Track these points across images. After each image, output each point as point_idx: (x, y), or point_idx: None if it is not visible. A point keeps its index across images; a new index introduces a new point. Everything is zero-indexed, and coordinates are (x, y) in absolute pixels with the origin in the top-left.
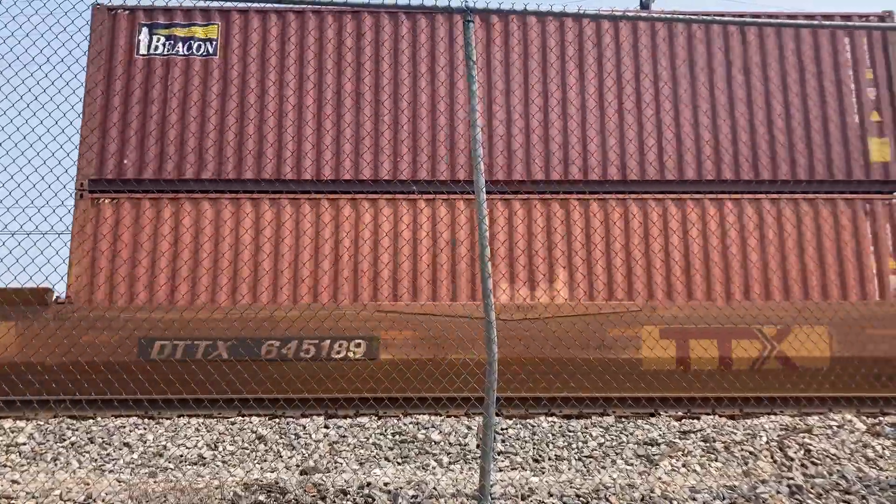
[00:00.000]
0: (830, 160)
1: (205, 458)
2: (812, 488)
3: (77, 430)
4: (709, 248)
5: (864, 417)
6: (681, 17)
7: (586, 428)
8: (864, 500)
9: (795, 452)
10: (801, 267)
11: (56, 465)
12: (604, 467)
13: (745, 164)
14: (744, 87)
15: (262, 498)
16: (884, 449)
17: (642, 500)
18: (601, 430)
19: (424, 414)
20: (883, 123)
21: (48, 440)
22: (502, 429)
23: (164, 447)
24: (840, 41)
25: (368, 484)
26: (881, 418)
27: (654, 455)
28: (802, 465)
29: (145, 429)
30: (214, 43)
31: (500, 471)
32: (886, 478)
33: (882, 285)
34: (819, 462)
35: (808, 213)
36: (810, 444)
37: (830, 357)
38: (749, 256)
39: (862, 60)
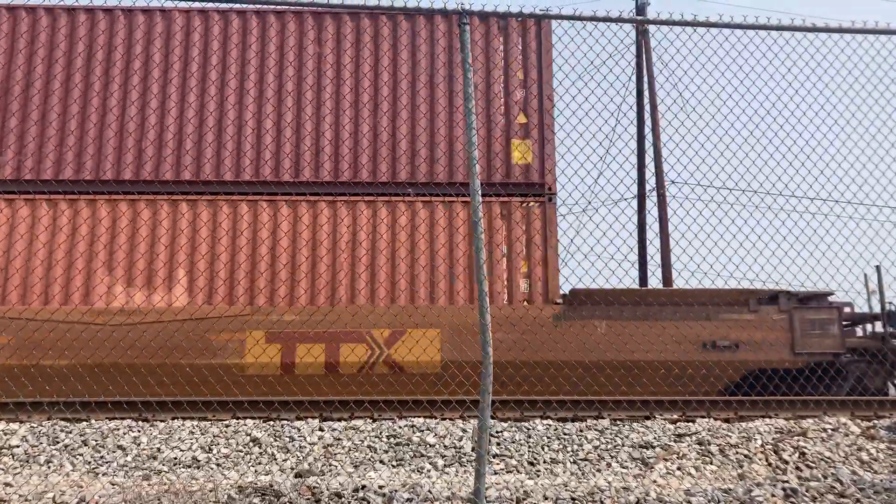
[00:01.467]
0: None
1: (199, 461)
2: (807, 491)
3: (71, 432)
4: (320, 251)
5: (859, 420)
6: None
7: (581, 431)
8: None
9: (790, 455)
10: (428, 271)
11: (49, 467)
12: (599, 470)
13: (365, 167)
14: (389, 85)
15: (256, 501)
16: (878, 452)
17: (637, 502)
18: (596, 432)
19: (419, 417)
20: (528, 125)
21: (41, 443)
22: (497, 432)
23: (159, 450)
24: (495, 40)
25: (363, 487)
26: (876, 421)
27: (649, 458)
28: (797, 467)
29: (139, 431)
30: None
31: (496, 474)
32: (881, 481)
33: (511, 289)
34: (814, 465)
35: (443, 216)
36: (805, 447)
37: (441, 361)
38: (361, 260)
39: (515, 61)
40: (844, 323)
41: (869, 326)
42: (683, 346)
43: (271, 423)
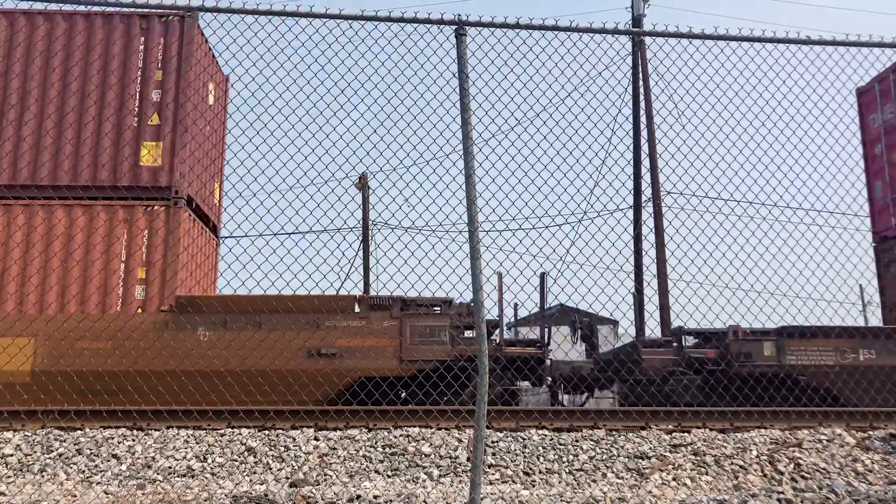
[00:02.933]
0: (100, 164)
1: (194, 470)
2: (802, 502)
3: (65, 441)
4: None
5: (854, 431)
6: None
7: (577, 441)
8: None
9: (785, 466)
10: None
11: (43, 476)
12: (594, 480)
13: None
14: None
15: None
16: (873, 463)
17: None
18: (592, 443)
19: (415, 426)
20: (162, 126)
21: (35, 451)
22: (493, 441)
23: (153, 458)
24: (136, 39)
25: (358, 497)
26: (871, 432)
27: (644, 468)
28: (792, 478)
29: (134, 440)
30: None
31: (491, 484)
32: (876, 492)
33: (127, 296)
34: (809, 476)
35: (55, 220)
36: (800, 458)
37: (32, 371)
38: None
39: (154, 61)
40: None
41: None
42: (290, 354)
43: (266, 431)
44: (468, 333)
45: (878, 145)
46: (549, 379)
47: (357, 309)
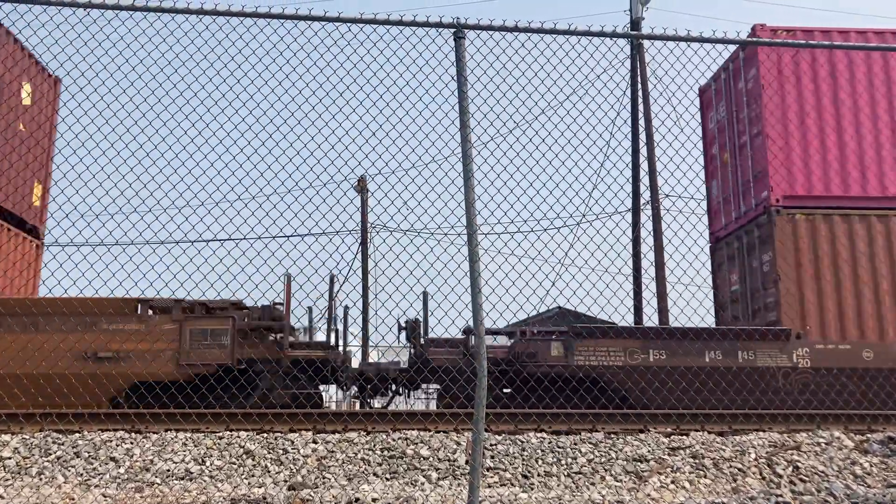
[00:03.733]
0: None
1: (192, 473)
2: None
3: (63, 444)
4: None
5: (853, 434)
6: None
7: (576, 444)
8: None
9: (784, 469)
10: None
11: (41, 479)
12: (593, 483)
13: None
14: None
15: None
16: (872, 466)
17: None
18: (590, 446)
19: (414, 429)
20: None
21: (33, 454)
22: (492, 444)
23: (151, 461)
24: None
25: (357, 500)
26: (869, 435)
27: (643, 471)
28: (791, 481)
29: (132, 443)
30: None
31: (489, 487)
32: (875, 495)
33: None
34: (807, 479)
35: None
36: (799, 461)
37: None
38: None
39: None
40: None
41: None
42: (66, 357)
43: (265, 434)
44: (271, 336)
45: (714, 145)
46: (351, 381)
47: (138, 312)
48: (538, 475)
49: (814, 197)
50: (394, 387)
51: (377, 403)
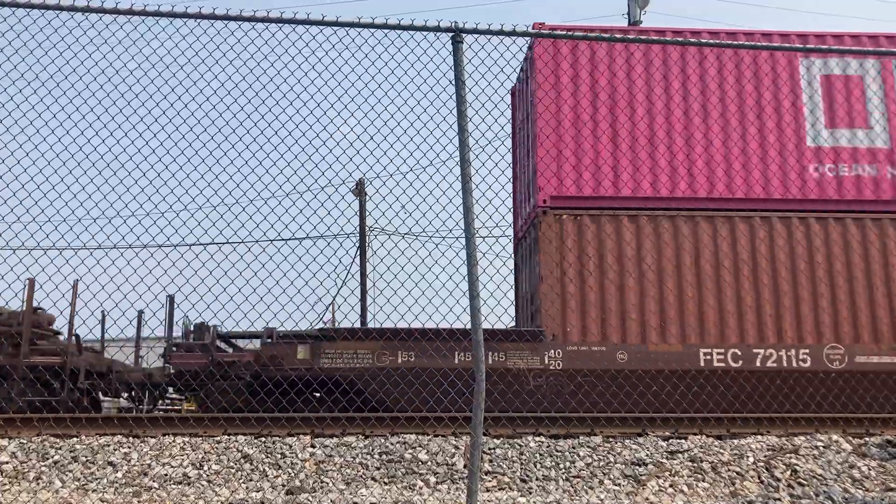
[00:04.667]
0: None
1: (190, 478)
2: None
3: (60, 448)
4: None
5: (851, 438)
6: None
7: (574, 448)
8: None
9: (782, 473)
10: None
11: (38, 484)
12: (591, 487)
13: None
14: None
15: None
16: (870, 470)
17: None
18: (589, 449)
19: (412, 433)
20: None
21: (31, 459)
22: (490, 448)
23: (149, 466)
24: None
25: None
26: (867, 439)
27: (641, 475)
28: (789, 485)
29: (130, 447)
30: None
31: (488, 491)
32: (873, 499)
33: None
34: (806, 482)
35: None
36: (797, 465)
37: None
38: None
39: None
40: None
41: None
42: None
43: (263, 439)
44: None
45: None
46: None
47: None
48: (536, 479)
49: (584, 198)
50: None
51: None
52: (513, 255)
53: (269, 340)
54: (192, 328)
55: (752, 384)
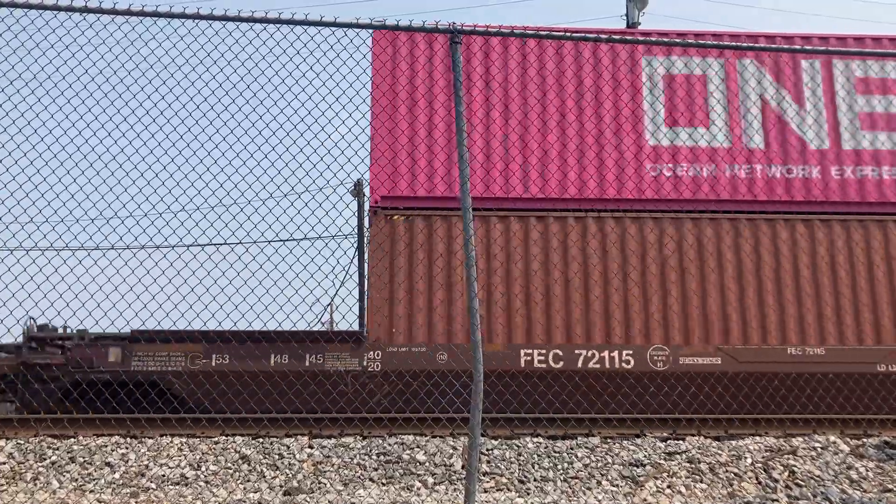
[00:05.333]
0: None
1: (187, 478)
2: None
3: (58, 448)
4: None
5: (848, 439)
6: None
7: (572, 449)
8: None
9: (780, 474)
10: None
11: (36, 485)
12: (589, 488)
13: None
14: None
15: None
16: (868, 471)
17: None
18: (587, 450)
19: (410, 434)
20: None
21: (28, 459)
22: (488, 449)
23: (147, 466)
24: None
25: None
26: (865, 440)
27: (639, 476)
28: (787, 486)
29: (127, 448)
30: None
31: (486, 492)
32: (871, 500)
33: None
34: (803, 483)
35: None
36: (795, 466)
37: None
38: None
39: None
40: None
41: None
42: None
43: (260, 439)
44: None
45: None
46: None
47: None
48: (534, 480)
49: (418, 198)
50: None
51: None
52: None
53: (81, 342)
54: (35, 330)
55: (572, 383)
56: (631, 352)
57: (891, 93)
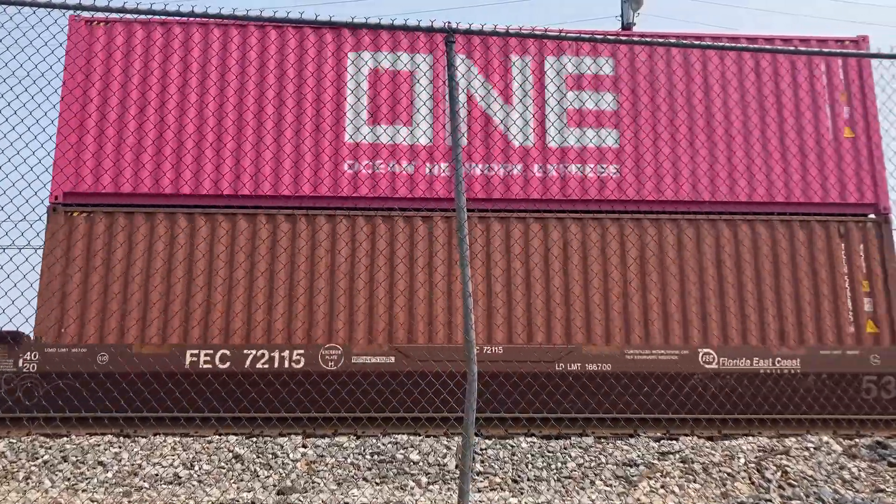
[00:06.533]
0: None
1: (181, 478)
2: None
3: (50, 448)
4: None
5: (841, 439)
6: None
7: (565, 448)
8: None
9: (773, 474)
10: None
11: (28, 484)
12: (583, 488)
13: None
14: None
15: None
16: (860, 471)
17: None
18: (580, 450)
19: (403, 433)
20: None
21: (20, 458)
22: (481, 449)
23: (140, 466)
24: None
25: None
26: (858, 440)
27: (633, 476)
28: (780, 486)
29: (120, 447)
30: None
31: (479, 491)
32: (863, 500)
33: None
34: (796, 483)
35: None
36: (788, 466)
37: None
38: None
39: None
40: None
41: None
42: None
43: (254, 439)
44: None
45: None
46: None
47: None
48: (528, 480)
49: (110, 195)
50: None
51: None
52: None
53: None
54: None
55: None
56: (301, 352)
57: (603, 89)
